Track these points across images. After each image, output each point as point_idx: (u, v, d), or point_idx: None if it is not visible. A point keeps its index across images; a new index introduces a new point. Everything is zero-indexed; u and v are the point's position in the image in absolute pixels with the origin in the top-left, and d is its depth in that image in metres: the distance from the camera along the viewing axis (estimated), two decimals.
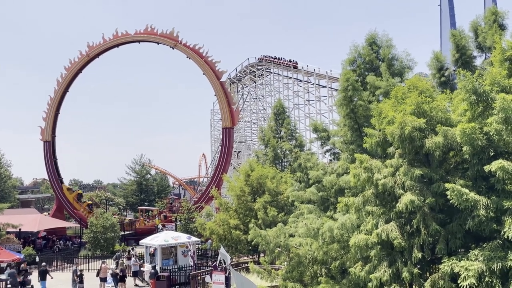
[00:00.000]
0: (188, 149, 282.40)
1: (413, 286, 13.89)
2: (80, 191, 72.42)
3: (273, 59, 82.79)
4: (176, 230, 46.36)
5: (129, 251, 40.02)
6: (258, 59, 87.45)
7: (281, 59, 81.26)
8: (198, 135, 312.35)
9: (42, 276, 29.79)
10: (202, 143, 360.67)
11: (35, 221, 50.29)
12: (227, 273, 22.30)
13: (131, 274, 33.11)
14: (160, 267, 30.43)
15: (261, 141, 48.44)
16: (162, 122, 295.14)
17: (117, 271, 30.27)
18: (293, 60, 78.63)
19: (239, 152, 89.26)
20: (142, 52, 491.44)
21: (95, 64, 63.68)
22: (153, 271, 28.85)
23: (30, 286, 29.96)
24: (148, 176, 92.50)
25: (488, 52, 18.40)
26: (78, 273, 29.31)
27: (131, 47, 63.76)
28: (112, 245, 47.25)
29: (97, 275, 30.14)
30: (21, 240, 46.45)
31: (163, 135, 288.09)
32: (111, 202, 77.88)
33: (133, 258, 34.15)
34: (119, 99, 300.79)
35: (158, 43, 59.78)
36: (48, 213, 67.40)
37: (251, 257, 34.10)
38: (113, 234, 47.62)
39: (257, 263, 28.52)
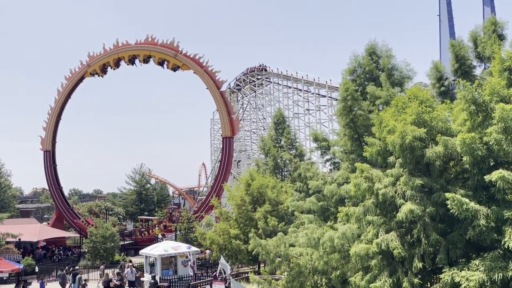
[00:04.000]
0: (188, 158, 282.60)
1: None
2: None
3: (249, 68, 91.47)
4: (176, 239, 46.24)
5: (130, 260, 39.87)
6: (236, 79, 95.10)
7: (254, 66, 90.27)
8: (198, 144, 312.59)
9: (74, 279, 31.14)
10: (202, 152, 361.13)
11: (34, 231, 50.18)
12: (227, 283, 22.29)
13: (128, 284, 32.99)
14: (160, 277, 30.32)
15: (261, 150, 48.43)
16: (162, 131, 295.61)
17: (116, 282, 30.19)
18: (263, 64, 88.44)
19: (239, 161, 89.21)
20: None
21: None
22: (152, 281, 28.74)
23: None
24: (148, 185, 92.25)
25: (488, 62, 18.47)
26: (83, 282, 29.64)
27: None
28: (111, 255, 47.07)
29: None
30: (21, 250, 46.31)
31: (163, 144, 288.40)
32: (110, 212, 77.65)
33: (127, 268, 33.92)
34: (119, 108, 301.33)
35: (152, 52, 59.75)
36: (48, 223, 67.22)
37: (251, 267, 33.97)
38: (112, 244, 47.45)
39: (257, 273, 28.41)
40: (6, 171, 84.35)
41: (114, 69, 62.10)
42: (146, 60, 60.58)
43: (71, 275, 32.73)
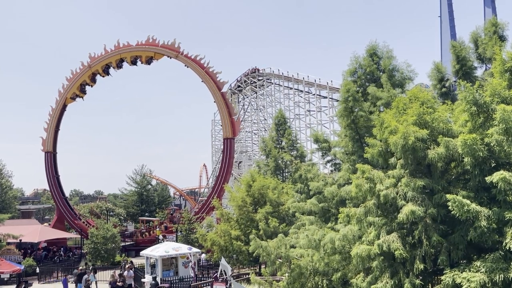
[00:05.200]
0: (189, 159, 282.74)
1: None
2: None
3: (250, 69, 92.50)
4: (177, 241, 46.16)
5: (131, 261, 39.83)
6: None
7: (252, 68, 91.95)
8: (199, 145, 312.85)
9: (79, 279, 31.62)
10: (203, 153, 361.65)
11: (35, 232, 50.15)
12: (228, 284, 22.25)
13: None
14: (160, 278, 30.27)
15: (262, 151, 48.42)
16: (163, 132, 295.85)
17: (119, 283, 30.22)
18: (255, 67, 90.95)
19: (240, 162, 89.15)
20: None
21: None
22: (153, 282, 28.69)
23: None
24: (149, 186, 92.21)
25: (489, 63, 18.48)
26: (87, 282, 29.77)
27: None
28: (112, 256, 47.03)
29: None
30: (22, 251, 46.30)
31: (164, 145, 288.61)
32: (111, 213, 77.58)
33: (126, 271, 33.84)
34: (120, 110, 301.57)
35: (154, 54, 59.96)
36: (49, 224, 67.20)
37: (252, 268, 33.92)
38: (113, 245, 47.40)
39: (258, 274, 28.38)
40: (7, 172, 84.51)
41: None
42: (119, 65, 61.46)
43: (76, 275, 32.85)
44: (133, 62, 61.14)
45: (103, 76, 62.66)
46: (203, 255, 39.57)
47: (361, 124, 19.85)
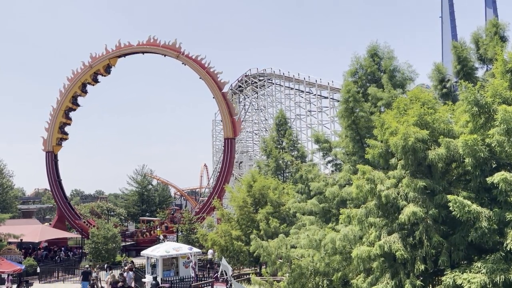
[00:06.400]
0: (189, 159, 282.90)
1: None
2: None
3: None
4: (177, 241, 46.18)
5: (132, 262, 39.79)
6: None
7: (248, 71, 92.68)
8: (199, 145, 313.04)
9: (85, 277, 31.98)
10: (203, 153, 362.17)
11: (36, 232, 50.13)
12: (229, 284, 22.26)
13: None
14: (161, 278, 30.29)
15: (263, 151, 48.42)
16: (163, 132, 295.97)
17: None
18: (247, 72, 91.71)
19: (240, 162, 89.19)
20: (143, 63, 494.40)
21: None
22: (154, 282, 28.70)
23: None
24: (150, 186, 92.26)
25: (490, 63, 18.47)
26: (91, 282, 29.94)
27: (132, 57, 63.97)
28: (113, 256, 47.02)
29: None
30: (22, 250, 46.32)
31: (164, 145, 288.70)
32: (112, 213, 77.63)
33: (125, 273, 33.72)
34: (121, 109, 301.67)
35: (164, 55, 59.92)
36: (50, 224, 67.22)
37: (252, 268, 33.92)
38: (114, 245, 47.37)
39: (259, 274, 28.38)
40: (8, 172, 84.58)
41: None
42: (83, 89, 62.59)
43: (81, 274, 33.15)
44: (94, 79, 62.65)
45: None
46: (216, 253, 39.59)
47: (362, 125, 19.85)
